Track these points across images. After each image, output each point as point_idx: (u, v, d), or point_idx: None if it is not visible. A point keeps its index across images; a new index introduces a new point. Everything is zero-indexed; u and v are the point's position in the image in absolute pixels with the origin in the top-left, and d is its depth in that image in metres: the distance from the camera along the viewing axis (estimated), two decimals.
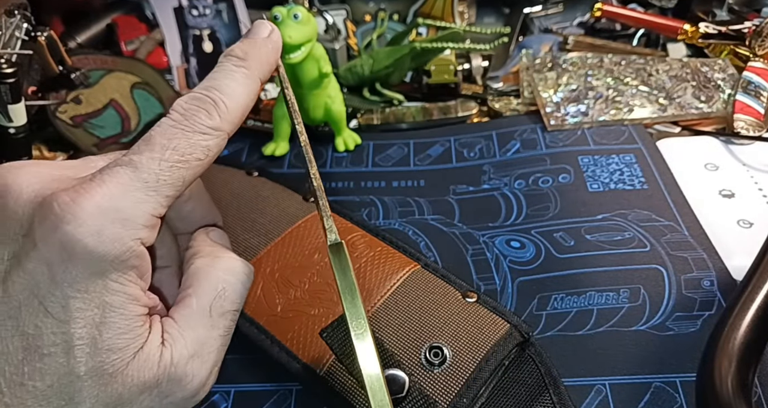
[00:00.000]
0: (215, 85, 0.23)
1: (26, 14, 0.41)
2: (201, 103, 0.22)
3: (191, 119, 0.21)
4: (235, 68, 0.23)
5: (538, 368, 0.32)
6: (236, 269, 0.24)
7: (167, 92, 0.60)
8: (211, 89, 0.22)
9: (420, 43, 0.54)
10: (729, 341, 0.29)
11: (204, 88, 0.22)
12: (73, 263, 0.19)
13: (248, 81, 0.23)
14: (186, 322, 0.22)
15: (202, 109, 0.22)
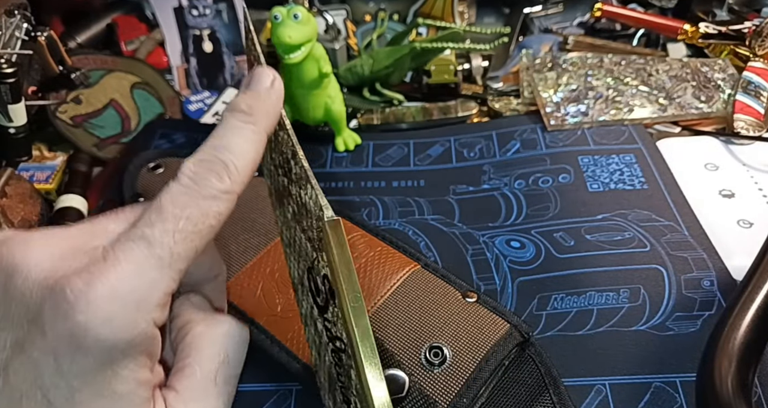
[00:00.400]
0: (223, 145, 0.22)
1: (26, 14, 0.41)
2: (211, 165, 0.21)
3: (202, 184, 0.21)
4: (241, 125, 0.22)
5: (538, 368, 0.32)
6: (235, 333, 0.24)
7: (167, 92, 0.60)
8: (220, 149, 0.21)
9: (420, 43, 0.54)
10: (729, 341, 0.29)
11: (212, 147, 0.22)
12: (82, 354, 0.18)
13: (256, 137, 0.23)
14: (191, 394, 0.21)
15: (212, 172, 0.21)
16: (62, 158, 0.54)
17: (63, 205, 0.47)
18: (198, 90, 0.63)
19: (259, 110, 0.23)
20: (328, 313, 0.25)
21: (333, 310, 0.25)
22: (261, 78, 0.24)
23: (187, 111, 0.60)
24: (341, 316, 0.23)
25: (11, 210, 0.44)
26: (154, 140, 0.54)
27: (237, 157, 0.22)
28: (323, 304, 0.25)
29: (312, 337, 0.28)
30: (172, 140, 0.54)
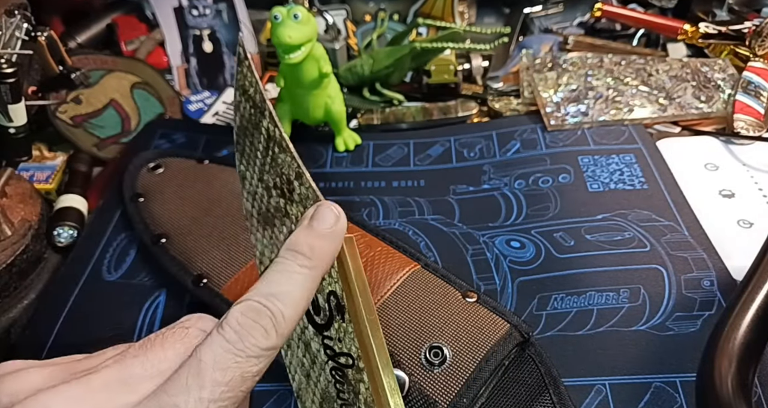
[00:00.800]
0: (275, 293, 0.20)
1: (26, 14, 0.41)
2: (259, 317, 0.19)
3: (247, 341, 0.19)
4: (299, 270, 0.21)
5: (538, 368, 0.32)
6: None
7: (167, 92, 0.60)
8: (271, 298, 0.20)
9: (420, 43, 0.54)
10: (729, 341, 0.29)
11: (263, 296, 0.20)
12: None
13: (311, 285, 0.21)
14: None
15: (259, 327, 0.19)
16: (62, 158, 0.54)
17: (63, 205, 0.47)
18: (198, 90, 0.63)
19: (320, 253, 0.22)
20: (331, 330, 0.25)
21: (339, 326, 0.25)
22: (326, 216, 0.23)
23: (187, 111, 0.60)
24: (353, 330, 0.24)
25: (11, 210, 0.44)
26: (154, 140, 0.54)
27: (287, 307, 0.20)
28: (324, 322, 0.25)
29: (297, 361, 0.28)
30: (172, 140, 0.54)
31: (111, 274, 0.42)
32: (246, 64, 0.28)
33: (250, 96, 0.27)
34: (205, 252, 0.40)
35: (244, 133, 0.29)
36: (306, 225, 0.23)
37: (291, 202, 0.26)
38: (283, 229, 0.27)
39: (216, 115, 0.60)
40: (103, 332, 0.38)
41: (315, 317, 0.26)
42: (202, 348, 0.19)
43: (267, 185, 0.28)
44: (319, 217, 0.23)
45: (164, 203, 0.44)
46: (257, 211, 0.28)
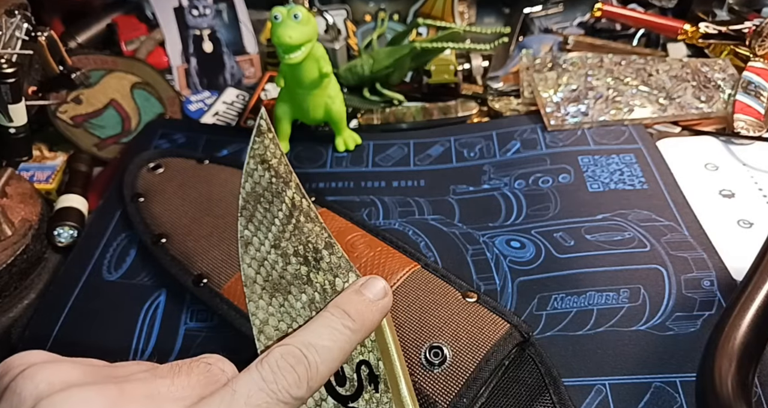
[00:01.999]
0: (315, 344, 0.21)
1: (26, 14, 0.41)
2: (297, 364, 0.20)
3: (281, 383, 0.20)
4: (342, 329, 0.22)
5: (538, 368, 0.32)
6: None
7: (167, 92, 0.60)
8: (312, 349, 0.21)
9: (420, 43, 0.54)
10: (729, 341, 0.29)
11: (304, 345, 0.21)
12: None
13: (349, 347, 0.22)
14: None
15: (295, 374, 0.20)
16: (62, 158, 0.54)
17: (63, 205, 0.47)
18: (198, 90, 0.63)
19: (364, 321, 0.23)
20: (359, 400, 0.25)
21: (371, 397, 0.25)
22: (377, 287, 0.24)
23: (187, 111, 0.60)
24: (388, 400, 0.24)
25: (11, 210, 0.44)
26: (154, 140, 0.54)
27: (323, 362, 0.21)
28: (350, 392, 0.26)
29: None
30: (172, 140, 0.54)
31: (111, 274, 0.42)
32: (269, 136, 0.29)
33: (271, 166, 0.28)
34: (205, 252, 0.40)
35: (257, 200, 0.29)
36: (357, 290, 0.23)
37: (317, 271, 0.27)
38: (302, 297, 0.28)
39: (216, 115, 0.60)
40: (103, 332, 0.38)
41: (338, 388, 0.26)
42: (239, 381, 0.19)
43: (285, 252, 0.28)
44: (370, 287, 0.24)
45: (164, 203, 0.44)
46: (263, 278, 0.29)
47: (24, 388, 0.19)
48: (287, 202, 0.28)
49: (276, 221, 0.29)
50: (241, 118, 0.59)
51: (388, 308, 0.24)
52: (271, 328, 0.29)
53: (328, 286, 0.28)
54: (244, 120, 0.58)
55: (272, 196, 0.29)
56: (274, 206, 0.29)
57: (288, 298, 0.28)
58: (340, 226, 0.40)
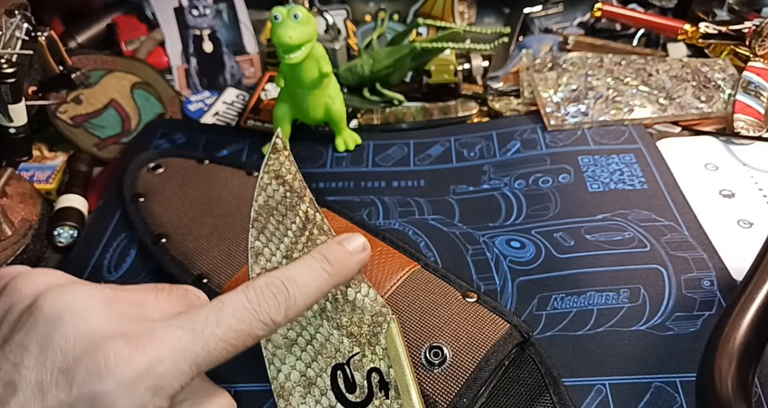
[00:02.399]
0: (296, 279, 0.24)
1: (26, 14, 0.41)
2: (277, 291, 0.23)
3: (263, 306, 0.22)
4: (320, 271, 0.25)
5: (538, 368, 0.32)
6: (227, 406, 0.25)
7: (167, 92, 0.60)
8: (292, 282, 0.23)
9: (420, 43, 0.54)
10: (729, 341, 0.29)
11: (286, 278, 0.23)
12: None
13: (324, 287, 0.25)
14: None
15: (275, 300, 0.23)
16: (62, 158, 0.54)
17: (63, 205, 0.47)
18: (198, 90, 0.63)
19: (341, 268, 0.26)
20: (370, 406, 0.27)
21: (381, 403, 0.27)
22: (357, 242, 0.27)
23: (187, 111, 0.60)
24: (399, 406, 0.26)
25: (11, 210, 0.44)
26: (154, 140, 0.54)
27: (301, 296, 0.23)
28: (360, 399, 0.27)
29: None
30: (172, 140, 0.54)
31: (111, 274, 0.42)
32: (285, 153, 0.30)
33: (285, 181, 0.30)
34: (205, 252, 0.40)
35: (270, 213, 0.30)
36: (338, 242, 0.26)
37: None
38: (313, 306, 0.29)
39: (216, 115, 0.60)
40: None
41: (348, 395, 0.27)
42: (227, 298, 0.22)
43: None
44: (351, 241, 0.27)
45: (164, 203, 0.44)
46: None
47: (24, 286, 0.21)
48: (301, 215, 0.30)
49: (289, 233, 0.30)
50: (241, 118, 0.59)
51: (365, 262, 0.27)
52: (279, 336, 0.29)
53: (339, 296, 0.28)
54: (244, 120, 0.58)
55: (286, 209, 0.30)
56: (288, 219, 0.30)
57: None
58: (340, 226, 0.40)
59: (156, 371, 0.19)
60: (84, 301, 0.20)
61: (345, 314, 0.29)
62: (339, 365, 0.28)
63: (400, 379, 0.27)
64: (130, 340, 0.19)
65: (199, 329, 0.21)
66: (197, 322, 0.21)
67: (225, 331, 0.21)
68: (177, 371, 0.20)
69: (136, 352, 0.19)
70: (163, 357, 0.19)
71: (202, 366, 0.21)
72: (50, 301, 0.20)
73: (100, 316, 0.20)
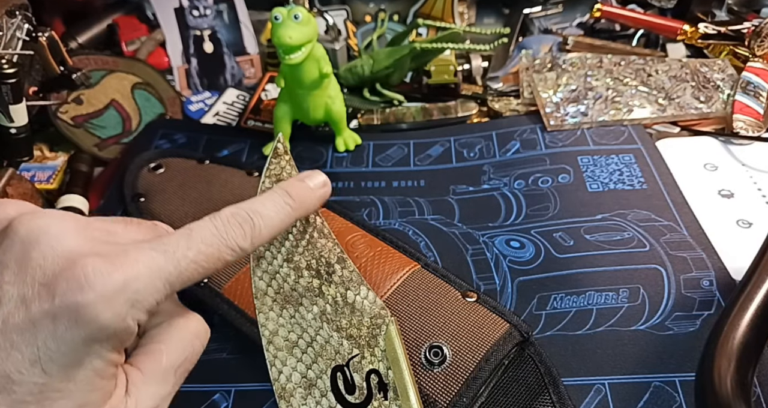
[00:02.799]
0: (261, 211, 0.25)
1: (27, 15, 0.41)
2: (243, 221, 0.24)
3: (230, 233, 0.23)
4: (283, 205, 0.26)
5: (538, 368, 0.32)
6: (201, 333, 0.26)
7: (168, 92, 0.60)
8: (257, 213, 0.25)
9: (420, 44, 0.54)
10: (728, 341, 0.29)
11: (251, 209, 0.25)
12: (77, 325, 0.19)
13: (287, 219, 0.26)
14: (152, 377, 0.23)
15: (241, 229, 0.24)
16: (63, 158, 0.54)
17: (64, 205, 0.47)
18: (199, 90, 0.64)
19: (302, 201, 0.27)
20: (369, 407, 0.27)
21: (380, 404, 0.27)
22: (316, 178, 0.28)
23: (187, 111, 0.60)
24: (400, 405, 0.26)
25: None
26: (154, 140, 0.54)
27: (265, 227, 0.25)
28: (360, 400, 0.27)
29: None
30: (173, 140, 0.54)
31: None
32: (286, 158, 0.31)
33: None
34: None
35: None
36: (300, 178, 0.28)
37: (329, 283, 0.29)
38: (313, 309, 0.29)
39: (216, 115, 0.60)
40: None
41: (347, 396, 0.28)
42: (194, 225, 0.23)
43: (297, 266, 0.30)
44: (312, 177, 0.28)
45: (165, 203, 0.44)
46: (275, 290, 0.30)
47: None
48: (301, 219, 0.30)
49: (290, 237, 0.30)
50: (241, 118, 0.59)
51: (326, 197, 0.28)
52: (280, 338, 0.29)
53: (339, 299, 0.29)
54: (245, 120, 0.58)
55: None
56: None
57: (299, 309, 0.29)
58: (340, 226, 0.40)
59: (133, 286, 0.20)
60: (58, 224, 0.21)
61: (345, 316, 0.29)
62: (339, 367, 0.28)
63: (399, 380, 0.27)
64: (107, 258, 0.20)
65: (171, 251, 0.22)
66: (169, 244, 0.22)
67: (195, 254, 0.22)
68: (152, 288, 0.21)
69: (113, 268, 0.20)
70: (139, 274, 0.20)
71: (175, 285, 0.22)
72: (25, 225, 0.21)
73: (75, 238, 0.21)
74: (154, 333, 0.25)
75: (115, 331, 0.20)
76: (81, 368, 0.20)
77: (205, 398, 0.34)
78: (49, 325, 0.19)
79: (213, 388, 0.35)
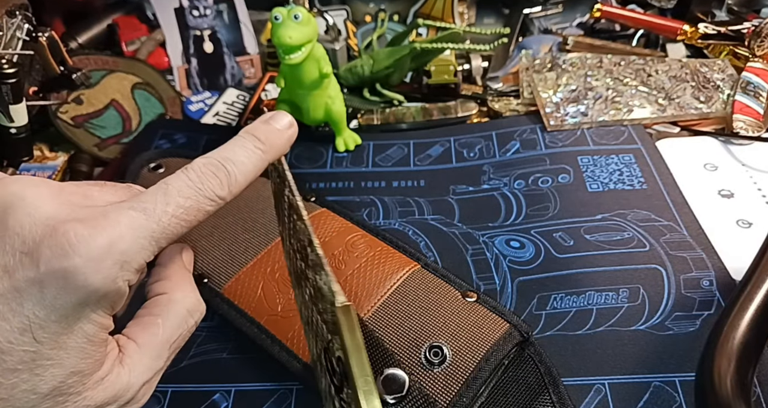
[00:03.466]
0: (232, 158, 0.25)
1: (27, 15, 0.41)
2: (217, 171, 0.24)
3: (205, 184, 0.24)
4: (253, 149, 0.26)
5: (538, 368, 0.32)
6: (197, 311, 0.26)
7: (168, 92, 0.60)
8: (228, 160, 0.25)
9: (420, 44, 0.54)
10: (728, 341, 0.29)
11: (222, 157, 0.25)
12: (67, 291, 0.19)
13: (260, 163, 0.26)
14: (148, 350, 0.23)
15: (216, 178, 0.24)
16: (63, 158, 0.54)
17: None
18: (199, 90, 0.64)
19: (271, 143, 0.26)
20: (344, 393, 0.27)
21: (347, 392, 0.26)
22: (281, 119, 0.28)
23: (187, 111, 0.60)
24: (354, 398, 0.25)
25: None
26: (155, 140, 0.54)
27: (240, 172, 0.25)
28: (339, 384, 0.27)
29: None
30: (173, 140, 0.54)
31: None
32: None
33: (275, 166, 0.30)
34: (206, 252, 0.40)
35: (277, 199, 0.31)
36: (265, 121, 0.27)
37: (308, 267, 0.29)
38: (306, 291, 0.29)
39: (217, 115, 0.60)
40: None
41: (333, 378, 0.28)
42: (169, 179, 0.23)
43: (293, 248, 0.30)
44: (277, 118, 0.27)
45: None
46: (291, 270, 0.31)
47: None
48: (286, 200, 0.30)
49: (285, 219, 0.30)
50: (241, 118, 0.59)
51: (293, 137, 0.28)
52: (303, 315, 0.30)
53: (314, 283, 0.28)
54: (245, 120, 0.58)
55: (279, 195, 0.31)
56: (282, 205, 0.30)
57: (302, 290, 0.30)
58: (340, 226, 0.40)
59: (119, 247, 0.20)
60: (32, 190, 0.21)
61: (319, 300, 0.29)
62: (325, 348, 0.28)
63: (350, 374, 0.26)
64: (88, 222, 0.20)
65: (151, 208, 0.21)
66: (147, 202, 0.22)
67: (175, 208, 0.22)
68: (138, 247, 0.21)
69: (95, 231, 0.20)
70: (122, 235, 0.20)
71: (161, 241, 0.22)
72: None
73: (51, 204, 0.21)
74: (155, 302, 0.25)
75: (107, 294, 0.20)
76: (72, 334, 0.20)
77: (205, 398, 0.34)
78: (36, 293, 0.19)
79: (213, 388, 0.35)
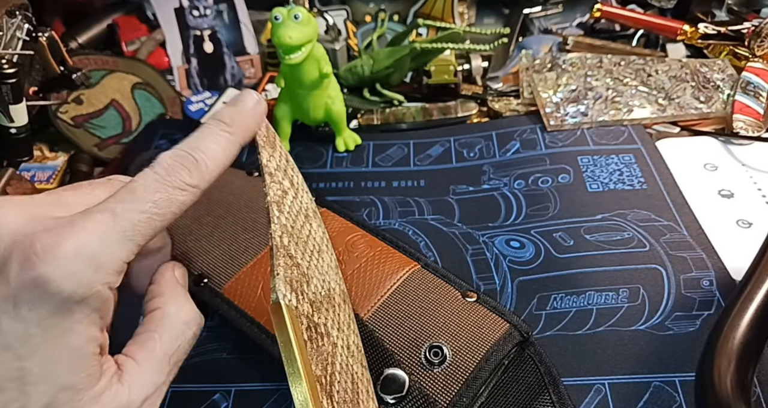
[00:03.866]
0: (199, 146, 0.24)
1: (27, 15, 0.41)
2: (184, 161, 0.23)
3: (173, 175, 0.23)
4: (220, 133, 0.25)
5: (538, 368, 0.32)
6: (194, 322, 0.26)
7: (168, 92, 0.60)
8: (195, 149, 0.24)
9: (420, 44, 0.54)
10: (728, 341, 0.29)
11: (189, 147, 0.24)
12: (42, 302, 0.19)
13: (230, 145, 0.25)
14: (147, 366, 0.23)
15: (184, 167, 0.23)
16: (63, 158, 0.54)
17: None
18: (199, 90, 0.64)
19: (238, 124, 0.26)
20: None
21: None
22: (246, 98, 0.27)
23: (187, 111, 0.60)
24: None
25: None
26: (155, 140, 0.54)
27: (209, 158, 0.24)
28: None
29: None
30: (173, 140, 0.54)
31: None
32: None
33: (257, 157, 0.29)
34: (205, 252, 0.40)
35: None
36: (231, 104, 0.27)
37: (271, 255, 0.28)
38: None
39: None
40: None
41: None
42: (137, 176, 0.23)
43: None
44: (240, 98, 0.27)
45: None
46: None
47: None
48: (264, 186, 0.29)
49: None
50: None
51: (263, 114, 0.27)
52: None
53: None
54: None
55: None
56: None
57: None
58: (340, 226, 0.40)
59: (88, 251, 0.20)
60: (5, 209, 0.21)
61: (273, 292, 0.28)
62: None
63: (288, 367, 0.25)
64: (53, 231, 0.20)
65: (119, 209, 0.21)
66: (113, 203, 0.21)
67: (143, 204, 0.21)
68: (110, 248, 0.20)
69: (62, 239, 0.19)
70: (90, 239, 0.20)
71: (136, 238, 0.21)
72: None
73: (16, 220, 0.20)
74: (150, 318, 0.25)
75: (84, 299, 0.20)
76: (57, 348, 0.20)
77: (205, 398, 0.34)
78: (11, 309, 0.19)
79: (213, 388, 0.35)
